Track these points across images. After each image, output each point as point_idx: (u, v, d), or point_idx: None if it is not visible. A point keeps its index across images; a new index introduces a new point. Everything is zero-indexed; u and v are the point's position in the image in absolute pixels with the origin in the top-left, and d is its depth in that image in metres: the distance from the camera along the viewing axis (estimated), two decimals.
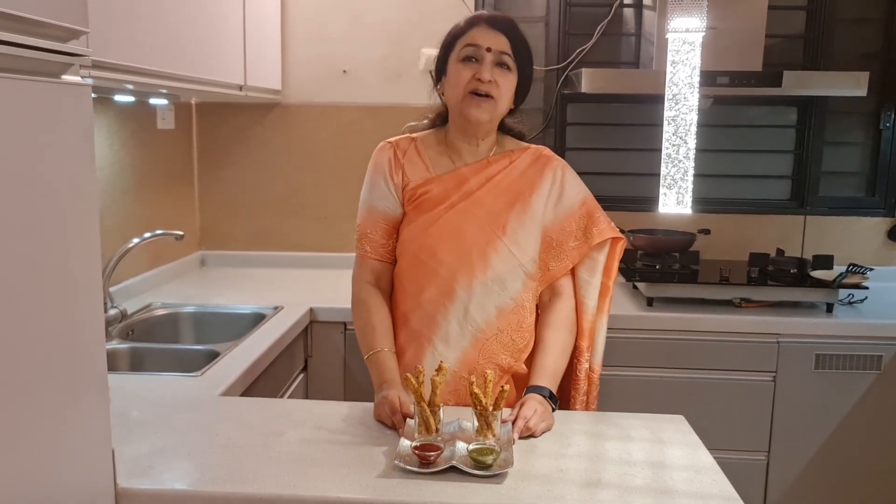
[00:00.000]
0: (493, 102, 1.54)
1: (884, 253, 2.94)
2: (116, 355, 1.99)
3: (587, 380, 1.69)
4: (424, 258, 1.58)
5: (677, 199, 2.43)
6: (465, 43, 1.54)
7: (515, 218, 1.60)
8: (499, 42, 1.54)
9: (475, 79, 1.52)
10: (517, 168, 1.64)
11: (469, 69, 1.53)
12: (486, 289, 1.57)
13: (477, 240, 1.57)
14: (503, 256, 1.58)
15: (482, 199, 1.60)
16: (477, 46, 1.53)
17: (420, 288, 1.59)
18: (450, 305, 1.57)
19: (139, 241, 2.16)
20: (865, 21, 2.85)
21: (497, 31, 1.55)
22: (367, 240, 1.64)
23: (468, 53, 1.54)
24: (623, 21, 2.90)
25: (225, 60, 2.33)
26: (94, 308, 1.05)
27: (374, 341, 1.57)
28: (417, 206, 1.61)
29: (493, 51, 1.53)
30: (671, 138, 2.41)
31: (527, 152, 1.67)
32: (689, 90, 2.38)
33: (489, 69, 1.52)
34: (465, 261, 1.57)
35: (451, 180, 1.61)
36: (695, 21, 2.35)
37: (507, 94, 1.57)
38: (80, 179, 1.01)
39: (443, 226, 1.58)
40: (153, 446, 1.32)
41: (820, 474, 2.42)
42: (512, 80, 1.57)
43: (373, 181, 1.64)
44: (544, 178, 1.64)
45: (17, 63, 0.89)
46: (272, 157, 3.00)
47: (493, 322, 1.58)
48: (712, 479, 1.26)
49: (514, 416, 1.40)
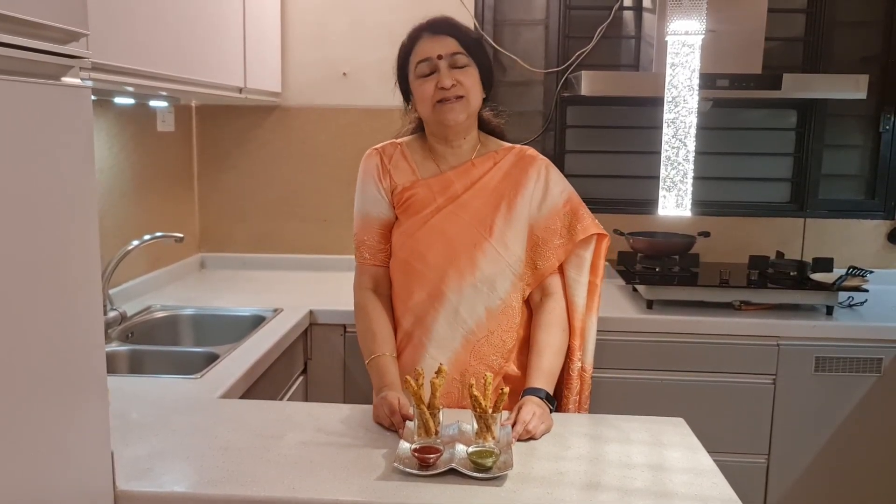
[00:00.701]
0: (464, 101, 1.56)
1: (883, 256, 2.93)
2: (116, 357, 1.99)
3: (579, 379, 1.69)
4: (413, 262, 1.60)
5: (677, 201, 2.43)
6: (417, 60, 1.57)
7: (501, 219, 1.61)
8: (446, 45, 1.56)
9: (438, 89, 1.54)
10: (501, 169, 1.65)
11: (430, 82, 1.55)
12: (476, 290, 1.58)
13: (464, 242, 1.59)
14: (491, 258, 1.59)
15: (468, 202, 1.61)
16: (429, 59, 1.55)
17: (410, 292, 1.61)
18: (440, 308, 1.58)
19: (139, 243, 2.16)
20: (865, 24, 2.85)
21: (441, 36, 1.57)
22: (364, 247, 1.67)
23: (423, 70, 1.56)
24: (623, 24, 2.91)
25: (225, 63, 2.33)
26: (94, 310, 1.05)
27: (375, 346, 1.59)
28: (405, 209, 1.63)
29: (444, 56, 1.55)
30: (671, 141, 2.42)
31: (511, 153, 1.68)
32: (689, 93, 2.38)
33: (447, 75, 1.54)
34: (453, 263, 1.58)
35: (437, 184, 1.63)
36: (694, 24, 2.35)
37: (474, 89, 1.58)
38: (79, 181, 1.01)
39: (430, 230, 1.60)
40: (152, 448, 1.32)
41: (820, 477, 2.42)
42: (473, 74, 1.58)
43: (364, 188, 1.67)
44: (528, 178, 1.65)
45: (17, 65, 0.89)
46: (272, 160, 3.00)
47: (483, 323, 1.60)
48: (712, 481, 1.26)
49: (512, 419, 1.40)
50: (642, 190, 2.90)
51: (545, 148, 2.92)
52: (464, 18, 2.83)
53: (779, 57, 2.83)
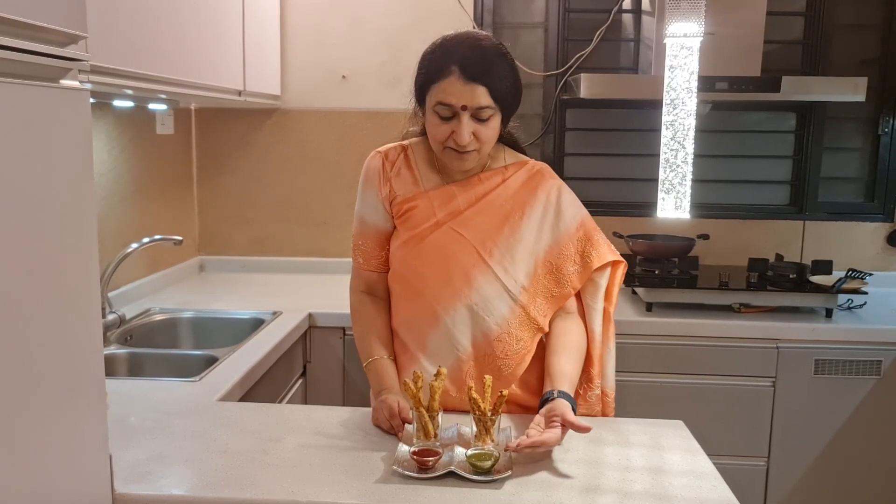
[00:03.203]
0: (475, 154, 1.47)
1: (883, 258, 2.94)
2: (115, 360, 1.98)
3: (600, 402, 1.64)
4: (409, 277, 1.55)
5: (675, 203, 2.43)
6: (438, 100, 1.41)
7: (503, 241, 1.52)
8: (475, 96, 1.40)
9: (453, 139, 1.43)
10: (509, 187, 1.55)
11: (446, 126, 1.43)
12: (471, 313, 1.50)
13: (462, 262, 1.51)
14: (489, 280, 1.51)
15: (470, 218, 1.53)
16: (451, 106, 1.41)
17: (406, 305, 1.57)
18: (434, 326, 1.52)
19: (138, 246, 2.16)
20: (864, 27, 2.86)
21: (472, 84, 1.39)
22: (359, 251, 1.63)
23: (442, 112, 1.42)
24: (622, 26, 2.91)
25: (224, 65, 2.33)
26: (92, 313, 1.05)
27: (372, 350, 1.57)
28: (404, 221, 1.56)
29: (468, 108, 1.40)
30: (669, 143, 2.42)
31: (521, 170, 1.58)
32: (687, 95, 2.39)
33: (467, 128, 1.41)
34: (448, 284, 1.51)
35: (438, 197, 1.54)
36: (693, 26, 2.35)
37: (491, 139, 1.47)
38: (78, 184, 1.00)
39: (428, 246, 1.52)
40: (151, 452, 1.32)
41: (820, 480, 2.42)
42: (495, 124, 1.45)
43: (363, 193, 1.60)
44: (537, 200, 1.55)
45: (15, 67, 0.89)
46: (271, 163, 3.00)
47: (480, 345, 1.51)
48: (712, 484, 1.26)
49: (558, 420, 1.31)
50: (641, 192, 2.91)
51: (544, 151, 2.93)
52: (463, 21, 2.84)
53: (778, 60, 2.83)
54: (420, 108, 1.53)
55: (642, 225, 2.89)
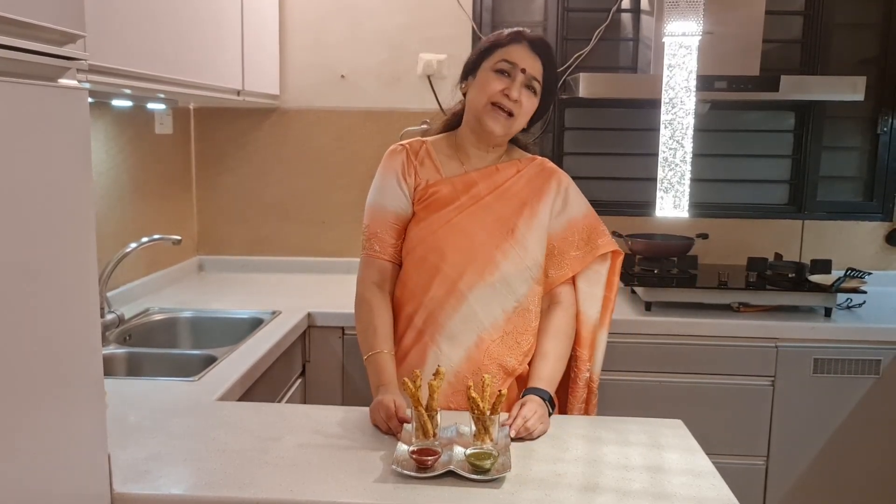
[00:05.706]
0: (511, 120, 1.60)
1: (882, 257, 2.94)
2: (113, 360, 1.98)
3: (586, 388, 1.73)
4: (432, 258, 1.61)
5: (674, 202, 2.44)
6: (503, 57, 1.58)
7: (524, 222, 1.64)
8: (535, 66, 1.59)
9: (503, 93, 1.57)
10: (524, 177, 1.68)
11: (500, 82, 1.58)
12: (493, 290, 1.60)
13: (485, 242, 1.61)
14: (511, 259, 1.61)
15: (491, 204, 1.64)
16: (514, 64, 1.58)
17: (425, 287, 1.61)
18: (456, 305, 1.59)
19: (136, 245, 2.16)
20: (862, 26, 2.86)
21: (536, 56, 1.59)
22: (376, 239, 1.66)
23: (503, 67, 1.58)
24: (621, 26, 2.91)
25: (223, 65, 2.33)
26: (91, 313, 1.05)
27: (375, 342, 1.58)
28: (427, 205, 1.64)
29: (527, 73, 1.58)
30: (668, 142, 2.42)
31: (533, 163, 1.72)
32: (686, 94, 2.39)
33: (518, 88, 1.57)
34: (472, 262, 1.60)
35: (461, 182, 1.65)
36: (692, 25, 2.36)
37: (525, 115, 1.62)
38: (76, 184, 1.00)
39: (452, 227, 1.61)
40: (150, 451, 1.32)
41: (819, 479, 2.42)
42: (534, 104, 1.62)
43: (384, 182, 1.67)
44: (550, 188, 1.69)
45: (13, 66, 0.89)
46: (270, 162, 3.00)
47: (499, 324, 1.61)
48: (711, 483, 1.26)
49: (513, 416, 1.40)
50: (641, 192, 2.91)
51: (543, 150, 2.93)
52: (462, 21, 2.84)
53: (777, 59, 2.83)
54: (467, 80, 1.66)
55: (641, 224, 2.90)
